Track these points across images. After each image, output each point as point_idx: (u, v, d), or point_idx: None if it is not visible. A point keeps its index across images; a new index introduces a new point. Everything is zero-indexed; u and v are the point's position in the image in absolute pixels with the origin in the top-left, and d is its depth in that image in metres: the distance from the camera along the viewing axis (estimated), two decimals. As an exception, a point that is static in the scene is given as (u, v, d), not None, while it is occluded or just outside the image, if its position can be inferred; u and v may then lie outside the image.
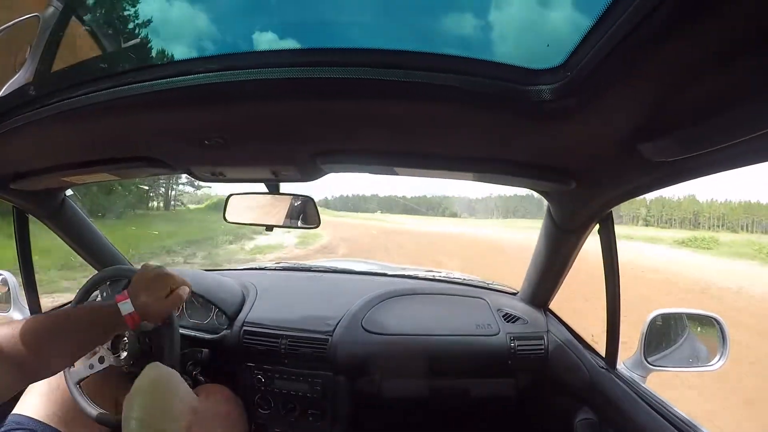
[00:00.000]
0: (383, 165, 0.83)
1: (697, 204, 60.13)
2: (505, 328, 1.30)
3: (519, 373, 1.30)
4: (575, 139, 0.64)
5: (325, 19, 0.59)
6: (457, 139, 0.72)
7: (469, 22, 0.55)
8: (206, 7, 0.64)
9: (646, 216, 59.44)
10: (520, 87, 0.54)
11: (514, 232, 22.09)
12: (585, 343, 1.23)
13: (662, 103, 0.52)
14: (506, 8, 0.55)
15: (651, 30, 0.40)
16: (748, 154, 0.55)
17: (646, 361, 1.05)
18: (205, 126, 0.73)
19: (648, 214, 59.66)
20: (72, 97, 0.66)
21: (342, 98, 0.60)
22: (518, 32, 0.55)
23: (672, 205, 61.21)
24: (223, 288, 1.42)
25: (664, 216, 60.33)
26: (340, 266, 1.82)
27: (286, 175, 0.93)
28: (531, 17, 0.53)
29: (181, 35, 0.63)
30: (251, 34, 0.60)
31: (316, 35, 0.58)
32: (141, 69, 0.61)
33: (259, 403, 1.30)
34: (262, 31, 0.60)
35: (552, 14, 0.53)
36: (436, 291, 1.50)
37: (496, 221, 51.62)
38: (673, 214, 60.60)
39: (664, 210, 60.58)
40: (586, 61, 0.47)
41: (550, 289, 1.30)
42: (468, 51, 0.53)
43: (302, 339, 1.26)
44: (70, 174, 1.00)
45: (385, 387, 1.31)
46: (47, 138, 0.82)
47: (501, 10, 0.55)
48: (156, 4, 0.68)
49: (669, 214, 60.62)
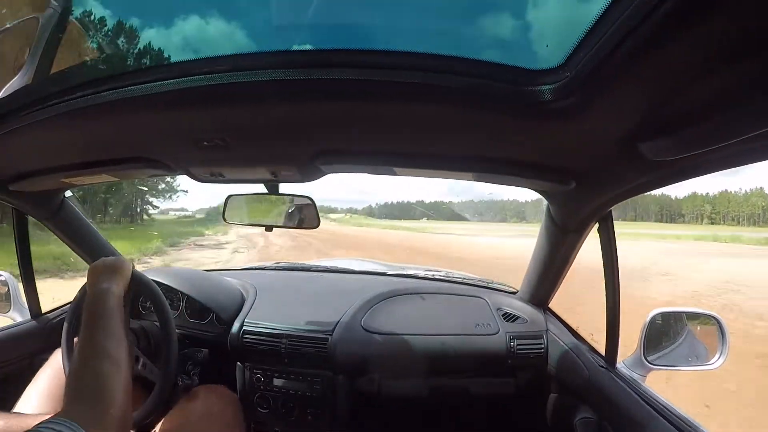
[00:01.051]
0: (382, 165, 0.83)
1: (766, 198, 57.43)
2: (505, 328, 1.30)
3: (518, 372, 1.30)
4: (575, 138, 0.64)
5: (325, 20, 0.59)
6: (456, 139, 0.72)
7: (469, 23, 0.56)
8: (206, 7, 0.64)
9: (710, 213, 57.09)
10: (519, 87, 0.54)
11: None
12: (584, 341, 1.23)
13: (662, 102, 0.52)
14: (505, 9, 0.55)
15: (650, 30, 0.40)
16: (748, 153, 0.55)
17: (646, 360, 1.05)
18: (205, 127, 0.73)
19: (713, 211, 57.29)
20: (71, 98, 0.66)
21: (341, 99, 0.60)
22: (518, 33, 0.55)
23: (738, 200, 58.80)
24: (222, 290, 1.42)
25: (731, 213, 57.89)
26: (339, 266, 1.82)
27: (285, 176, 0.93)
28: (530, 18, 0.53)
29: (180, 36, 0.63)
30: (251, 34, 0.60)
31: (316, 36, 0.59)
32: (139, 70, 0.62)
33: (259, 402, 1.30)
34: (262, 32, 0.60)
35: (551, 14, 0.53)
36: (435, 290, 1.50)
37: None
38: (740, 210, 58.11)
39: (730, 206, 58.14)
40: (586, 62, 0.47)
41: (550, 288, 1.31)
42: (467, 51, 0.53)
43: (302, 339, 1.26)
44: (69, 175, 1.00)
45: (385, 386, 1.31)
46: (46, 139, 0.82)
47: (500, 10, 0.55)
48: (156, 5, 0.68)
49: (735, 210, 58.08)
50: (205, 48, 0.61)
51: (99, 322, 0.75)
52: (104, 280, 0.85)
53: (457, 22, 0.55)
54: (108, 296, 0.82)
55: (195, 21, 0.63)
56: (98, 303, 0.80)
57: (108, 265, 0.91)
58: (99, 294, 0.82)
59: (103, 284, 0.84)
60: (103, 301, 0.80)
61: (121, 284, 0.89)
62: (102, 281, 0.85)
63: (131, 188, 19.86)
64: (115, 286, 0.85)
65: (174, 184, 24.97)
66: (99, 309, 0.78)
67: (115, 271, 0.90)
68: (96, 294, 0.82)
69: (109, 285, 0.84)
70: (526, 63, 0.53)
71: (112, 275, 0.88)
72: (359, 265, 1.88)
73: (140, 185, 20.16)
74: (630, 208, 70.78)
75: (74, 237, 1.37)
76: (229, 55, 0.57)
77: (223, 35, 0.62)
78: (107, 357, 0.68)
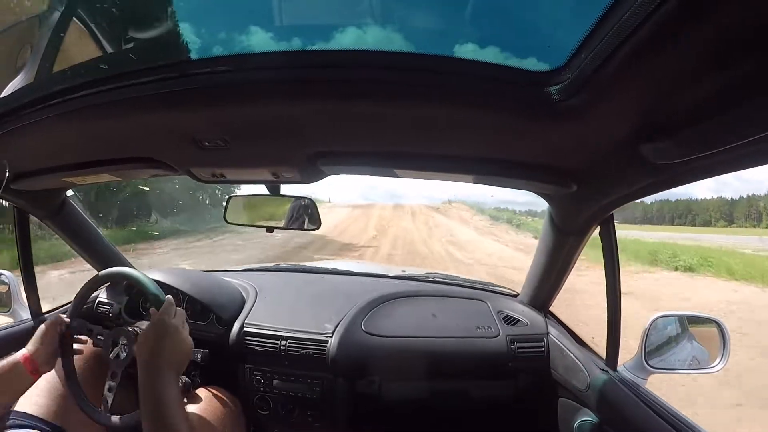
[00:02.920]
0: (384, 167, 0.83)
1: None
2: (506, 330, 1.29)
3: (519, 375, 1.29)
4: (576, 141, 0.64)
5: (325, 21, 0.59)
6: (457, 141, 0.72)
7: (469, 24, 0.55)
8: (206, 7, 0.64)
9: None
10: (520, 89, 0.54)
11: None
12: (585, 345, 1.23)
13: (663, 105, 0.52)
14: (506, 10, 0.55)
15: (650, 32, 0.40)
16: (750, 157, 0.54)
17: (647, 364, 1.05)
18: (205, 127, 0.73)
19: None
20: (72, 97, 0.66)
21: (342, 100, 0.60)
22: (518, 34, 0.55)
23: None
24: (222, 291, 1.42)
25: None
26: (339, 268, 1.82)
27: (286, 177, 0.93)
28: (531, 19, 0.53)
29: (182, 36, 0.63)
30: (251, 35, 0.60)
31: (316, 36, 0.58)
32: (141, 70, 0.62)
33: (258, 404, 1.30)
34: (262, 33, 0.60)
35: (552, 16, 0.53)
36: (436, 293, 1.49)
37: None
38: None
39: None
40: (587, 63, 0.47)
41: (551, 291, 1.30)
42: (467, 53, 0.53)
43: (302, 340, 1.26)
44: (70, 174, 1.00)
45: (385, 389, 1.30)
46: (48, 138, 0.82)
47: (500, 11, 0.55)
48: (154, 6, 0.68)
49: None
50: (206, 48, 0.61)
51: (166, 422, 0.77)
52: (167, 371, 0.82)
53: (457, 22, 0.55)
54: (173, 389, 0.81)
55: (195, 21, 0.63)
56: (165, 401, 0.79)
57: (175, 349, 0.86)
58: (164, 390, 0.80)
59: (167, 376, 0.82)
60: (169, 398, 0.79)
61: (182, 370, 0.88)
62: (164, 372, 0.82)
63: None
64: (175, 376, 0.84)
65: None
66: (167, 408, 0.78)
67: (182, 362, 0.88)
68: (160, 391, 0.80)
69: (172, 376, 0.82)
70: (527, 65, 0.53)
71: (177, 365, 0.86)
72: (360, 266, 1.88)
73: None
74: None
75: (75, 236, 1.37)
76: (229, 55, 0.58)
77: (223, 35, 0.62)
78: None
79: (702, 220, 65.19)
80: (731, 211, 64.41)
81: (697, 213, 68.62)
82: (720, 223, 53.06)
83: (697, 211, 69.19)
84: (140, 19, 0.66)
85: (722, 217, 61.18)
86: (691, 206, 67.81)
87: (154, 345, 0.85)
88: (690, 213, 70.53)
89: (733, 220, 59.09)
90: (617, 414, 0.96)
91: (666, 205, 69.68)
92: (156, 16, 0.64)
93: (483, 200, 38.00)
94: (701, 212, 67.66)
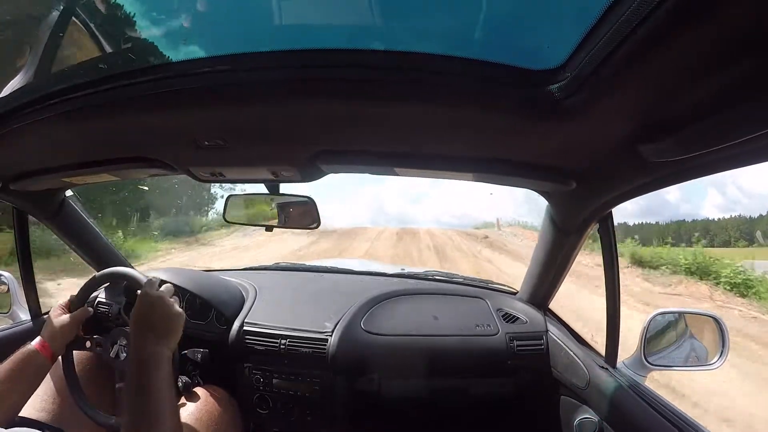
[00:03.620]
0: (383, 166, 0.83)
1: None
2: (505, 328, 1.30)
3: (519, 372, 1.30)
4: (575, 139, 0.64)
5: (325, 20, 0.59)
6: (457, 139, 0.72)
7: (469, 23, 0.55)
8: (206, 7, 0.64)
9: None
10: (520, 88, 0.54)
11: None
12: (584, 342, 1.23)
13: (661, 103, 0.52)
14: (505, 9, 0.55)
15: (649, 31, 0.40)
16: (747, 155, 0.55)
17: (646, 361, 1.05)
18: (205, 127, 0.73)
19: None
20: (71, 97, 0.66)
21: (342, 99, 0.60)
22: (518, 33, 0.55)
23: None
24: (223, 289, 1.42)
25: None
26: (339, 266, 1.82)
27: (285, 176, 0.93)
28: (531, 18, 0.53)
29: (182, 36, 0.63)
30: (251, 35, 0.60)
31: (316, 36, 0.58)
32: (140, 70, 0.62)
33: (258, 403, 1.30)
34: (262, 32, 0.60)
35: (551, 15, 0.53)
36: (435, 291, 1.50)
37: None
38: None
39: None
40: (587, 62, 0.47)
41: (550, 289, 1.31)
42: (467, 52, 0.53)
43: (302, 339, 1.26)
44: (70, 174, 1.00)
45: (385, 387, 1.31)
46: (47, 138, 0.82)
47: (500, 10, 0.55)
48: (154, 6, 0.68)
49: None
50: (205, 48, 0.61)
51: (150, 397, 0.72)
52: (154, 340, 0.79)
53: (457, 22, 0.55)
54: (160, 363, 0.76)
55: (195, 21, 0.63)
56: (149, 371, 0.74)
57: (161, 318, 0.84)
58: (149, 359, 0.75)
59: (154, 346, 0.78)
60: (155, 369, 0.75)
61: (173, 344, 0.83)
62: (151, 341, 0.78)
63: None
64: (167, 349, 0.80)
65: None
66: (150, 378, 0.73)
67: (169, 330, 0.83)
68: (146, 359, 0.76)
69: (160, 348, 0.78)
70: (527, 63, 0.53)
71: (165, 334, 0.82)
72: (359, 265, 1.88)
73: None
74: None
75: (75, 237, 1.37)
76: (228, 54, 0.57)
77: (223, 35, 0.62)
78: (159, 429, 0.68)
79: (721, 240, 65.06)
80: (751, 230, 63.95)
81: (716, 233, 68.46)
82: (740, 243, 52.28)
83: (715, 231, 68.99)
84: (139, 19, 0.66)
85: (742, 236, 60.69)
86: (708, 226, 67.31)
87: (140, 316, 0.83)
88: (708, 233, 70.30)
89: (753, 240, 58.33)
90: (617, 411, 0.97)
91: (683, 225, 69.37)
92: (155, 16, 0.64)
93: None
94: (720, 232, 67.42)
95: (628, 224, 29.07)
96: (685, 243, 13.83)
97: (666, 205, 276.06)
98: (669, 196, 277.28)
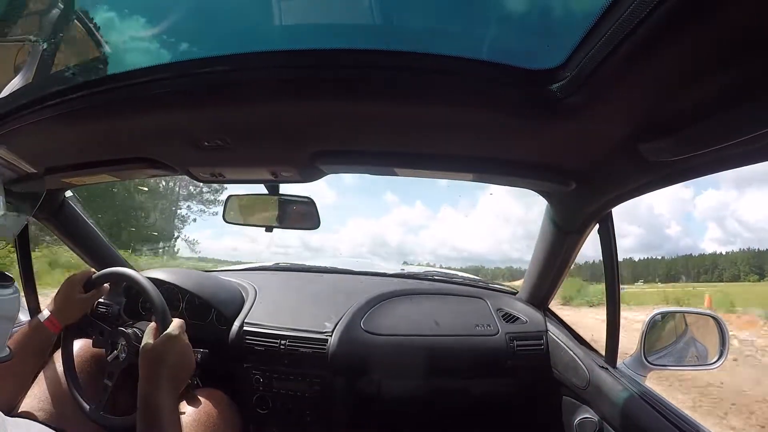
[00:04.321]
0: (383, 165, 0.83)
1: None
2: (505, 328, 1.30)
3: (519, 372, 1.30)
4: (575, 139, 0.64)
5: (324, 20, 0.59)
6: (456, 139, 0.72)
7: (469, 23, 0.56)
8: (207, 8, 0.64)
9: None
10: (519, 87, 0.54)
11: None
12: (584, 342, 1.23)
13: (661, 103, 0.52)
14: (505, 9, 0.55)
15: (649, 31, 0.40)
16: (746, 155, 0.55)
17: (646, 361, 1.05)
18: (204, 127, 0.73)
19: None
20: (71, 98, 0.66)
21: (342, 99, 0.60)
22: (518, 33, 0.55)
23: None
24: (223, 289, 1.42)
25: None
26: (339, 266, 1.82)
27: (285, 176, 0.93)
28: (530, 18, 0.53)
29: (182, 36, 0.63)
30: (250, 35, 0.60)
31: (315, 36, 0.58)
32: (139, 70, 0.61)
33: (258, 403, 1.30)
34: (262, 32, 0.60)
35: (551, 15, 0.53)
36: (435, 291, 1.50)
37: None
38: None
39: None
40: (586, 62, 0.47)
41: (550, 289, 1.31)
42: (466, 52, 0.53)
43: (301, 339, 1.26)
44: (69, 175, 1.00)
45: (385, 387, 1.30)
46: (47, 139, 0.82)
47: (499, 11, 0.55)
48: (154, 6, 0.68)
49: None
50: (205, 48, 0.61)
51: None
52: (167, 385, 0.83)
53: (457, 21, 0.55)
54: (168, 408, 0.81)
55: (194, 20, 0.63)
56: (157, 414, 0.79)
57: (175, 363, 0.87)
58: (159, 406, 0.80)
59: (166, 392, 0.82)
60: (162, 415, 0.79)
61: (182, 387, 0.88)
62: (163, 385, 0.82)
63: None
64: (176, 391, 0.85)
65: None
66: (158, 419, 0.79)
67: (181, 372, 0.88)
68: (155, 405, 0.80)
69: (169, 394, 0.82)
70: (526, 63, 0.53)
71: (178, 377, 0.87)
72: (359, 265, 1.88)
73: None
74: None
75: (75, 238, 1.37)
76: (228, 55, 0.57)
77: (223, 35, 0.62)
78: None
79: (730, 274, 63.55)
80: (761, 264, 62.59)
81: (725, 267, 66.95)
82: (751, 277, 50.45)
83: (724, 266, 67.52)
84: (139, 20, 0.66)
85: (752, 270, 59.16)
86: (717, 260, 66.01)
87: (159, 356, 0.86)
88: (717, 268, 68.50)
89: (764, 274, 56.69)
90: (617, 411, 0.97)
91: (691, 260, 68.10)
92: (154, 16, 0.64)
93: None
94: (729, 266, 66.06)
95: (634, 259, 27.50)
96: (694, 279, 13.16)
97: (667, 240, 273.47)
98: (669, 231, 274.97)
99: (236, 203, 1.24)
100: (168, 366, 0.85)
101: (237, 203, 1.24)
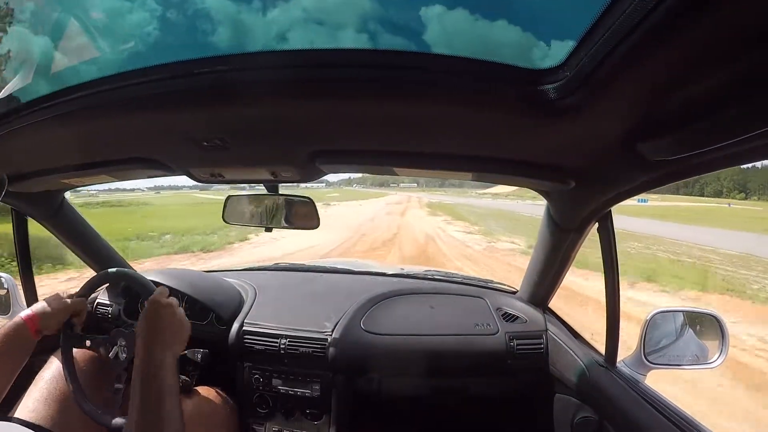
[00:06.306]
0: (382, 165, 0.83)
1: None
2: (505, 328, 1.30)
3: (518, 371, 1.30)
4: (574, 138, 0.64)
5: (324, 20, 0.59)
6: (456, 139, 0.72)
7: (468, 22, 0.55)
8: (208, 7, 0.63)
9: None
10: (519, 87, 0.54)
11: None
12: (584, 341, 1.23)
13: (660, 102, 0.52)
14: (505, 8, 0.55)
15: (648, 31, 0.40)
16: (746, 153, 0.55)
17: (646, 360, 1.05)
18: (204, 127, 0.73)
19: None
20: (70, 98, 0.66)
21: (342, 99, 0.60)
22: (517, 32, 0.55)
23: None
24: (221, 290, 1.42)
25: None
26: (338, 266, 1.82)
27: (284, 176, 0.93)
28: (530, 18, 0.53)
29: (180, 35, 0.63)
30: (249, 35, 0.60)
31: (314, 36, 0.58)
32: (139, 70, 0.61)
33: (258, 403, 1.30)
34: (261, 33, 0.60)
35: (551, 14, 0.53)
36: (435, 291, 1.50)
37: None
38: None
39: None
40: (586, 61, 0.47)
41: (550, 288, 1.31)
42: (465, 51, 0.53)
43: (301, 339, 1.26)
44: (68, 176, 1.00)
45: (385, 387, 1.31)
46: (45, 140, 0.82)
47: (499, 10, 0.55)
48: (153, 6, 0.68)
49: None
50: (205, 47, 0.60)
51: (157, 404, 0.75)
52: (161, 348, 0.82)
53: (456, 21, 0.55)
54: (167, 371, 0.80)
55: (194, 20, 0.63)
56: (156, 379, 0.78)
57: (169, 326, 0.88)
58: (157, 368, 0.79)
59: (161, 355, 0.81)
60: (162, 377, 0.78)
61: (179, 352, 0.87)
62: (158, 349, 0.82)
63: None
64: (173, 357, 0.83)
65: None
66: (157, 385, 0.77)
67: (176, 338, 0.87)
68: (153, 368, 0.79)
69: (167, 356, 0.82)
70: (526, 62, 0.53)
71: (172, 342, 0.86)
72: (358, 265, 1.89)
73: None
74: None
75: (74, 238, 1.37)
76: (228, 55, 0.57)
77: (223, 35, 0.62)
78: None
79: (713, 189, 62.07)
80: (744, 182, 60.88)
81: (707, 182, 65.54)
82: (735, 194, 48.99)
83: (706, 180, 66.05)
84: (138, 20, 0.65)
85: (736, 187, 57.58)
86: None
87: (148, 323, 0.86)
88: (698, 182, 66.99)
89: (747, 192, 54.91)
90: (617, 410, 0.97)
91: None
92: (153, 17, 0.64)
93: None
94: (711, 181, 64.54)
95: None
96: (674, 192, 13.01)
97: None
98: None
99: (236, 203, 1.24)
100: (160, 330, 0.86)
101: (237, 203, 1.24)
